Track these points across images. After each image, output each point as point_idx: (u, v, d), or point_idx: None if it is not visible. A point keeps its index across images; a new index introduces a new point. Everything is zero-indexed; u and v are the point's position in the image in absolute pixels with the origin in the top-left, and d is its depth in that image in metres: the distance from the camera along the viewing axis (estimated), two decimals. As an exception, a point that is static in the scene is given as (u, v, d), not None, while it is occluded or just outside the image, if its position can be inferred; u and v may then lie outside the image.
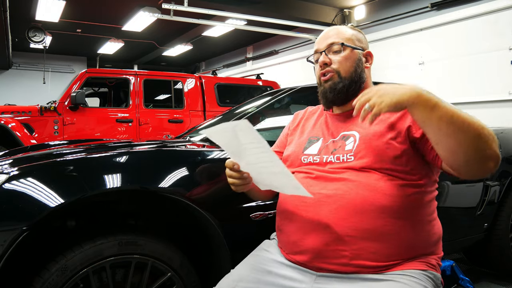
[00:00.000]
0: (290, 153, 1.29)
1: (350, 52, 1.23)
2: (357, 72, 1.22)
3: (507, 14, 5.20)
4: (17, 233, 1.15)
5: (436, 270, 1.11)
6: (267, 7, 6.93)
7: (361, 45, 1.26)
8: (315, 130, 1.30)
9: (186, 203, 1.39)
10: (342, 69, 1.21)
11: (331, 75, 1.22)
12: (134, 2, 7.21)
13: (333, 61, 1.23)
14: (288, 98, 2.50)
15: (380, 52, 6.76)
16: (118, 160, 1.44)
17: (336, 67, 1.22)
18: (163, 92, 6.49)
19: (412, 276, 1.03)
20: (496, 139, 0.98)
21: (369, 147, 1.10)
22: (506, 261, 2.46)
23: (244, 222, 1.46)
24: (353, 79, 1.21)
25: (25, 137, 4.88)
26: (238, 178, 1.14)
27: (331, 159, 1.16)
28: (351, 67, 1.22)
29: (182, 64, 13.50)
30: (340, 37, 1.24)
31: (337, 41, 1.23)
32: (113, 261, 1.32)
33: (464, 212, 2.21)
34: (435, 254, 1.15)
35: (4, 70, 11.50)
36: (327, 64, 1.23)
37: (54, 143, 2.33)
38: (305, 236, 1.10)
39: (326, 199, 1.09)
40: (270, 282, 1.11)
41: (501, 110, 5.22)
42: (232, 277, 1.16)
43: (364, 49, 1.27)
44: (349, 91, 1.21)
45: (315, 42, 1.30)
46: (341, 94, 1.21)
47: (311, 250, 1.08)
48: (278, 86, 6.61)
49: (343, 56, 1.22)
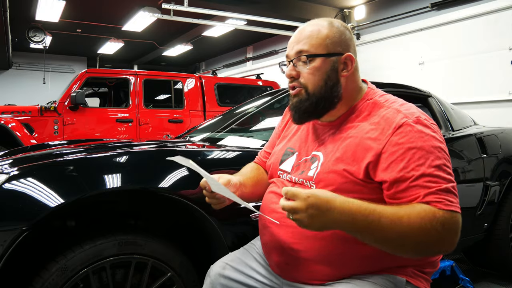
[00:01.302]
0: (270, 164, 1.29)
1: (321, 62, 1.09)
2: (327, 86, 1.09)
3: (507, 14, 5.20)
4: (17, 233, 1.15)
5: (404, 276, 1.04)
6: (267, 7, 6.93)
7: (338, 49, 1.10)
8: (293, 141, 1.26)
9: (186, 203, 1.39)
10: (310, 84, 1.10)
11: (298, 90, 1.12)
12: (134, 2, 7.21)
13: (301, 74, 1.10)
14: (288, 98, 2.50)
15: (380, 52, 6.76)
16: (118, 160, 1.44)
17: (304, 81, 1.10)
18: (163, 92, 6.49)
19: (364, 280, 1.02)
20: (457, 227, 0.92)
21: (328, 179, 1.05)
22: (506, 261, 2.47)
23: (243, 222, 1.46)
24: (322, 96, 1.09)
25: (25, 137, 4.88)
26: (211, 197, 1.16)
27: (298, 181, 1.14)
28: (321, 80, 1.09)
29: (182, 64, 13.49)
30: (312, 42, 1.09)
31: (305, 49, 1.09)
32: (113, 261, 1.32)
33: (464, 212, 2.19)
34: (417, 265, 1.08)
35: (4, 70, 11.49)
36: (294, 77, 1.12)
37: (54, 143, 2.34)
38: (270, 251, 1.17)
39: (286, 221, 1.05)
40: (253, 267, 1.20)
41: (501, 110, 5.22)
42: (225, 258, 1.25)
43: (343, 52, 1.10)
44: (318, 109, 1.11)
45: (288, 43, 1.17)
46: (307, 114, 1.12)
47: (275, 265, 1.16)
48: (278, 86, 6.61)
49: (312, 68, 1.09)
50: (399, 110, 1.04)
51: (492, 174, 2.35)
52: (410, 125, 0.99)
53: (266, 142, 1.45)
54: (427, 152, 0.96)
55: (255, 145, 1.96)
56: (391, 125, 1.00)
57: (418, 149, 0.96)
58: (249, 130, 2.35)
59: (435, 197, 0.92)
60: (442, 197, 0.92)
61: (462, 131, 2.49)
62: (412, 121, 1.00)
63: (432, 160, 0.95)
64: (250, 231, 1.44)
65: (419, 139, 0.97)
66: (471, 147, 2.33)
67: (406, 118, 1.01)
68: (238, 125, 2.29)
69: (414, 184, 0.94)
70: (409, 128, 0.99)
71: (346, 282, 1.03)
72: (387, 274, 1.04)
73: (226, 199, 1.17)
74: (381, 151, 0.99)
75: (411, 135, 0.98)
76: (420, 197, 0.93)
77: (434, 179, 0.94)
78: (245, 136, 2.23)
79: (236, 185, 1.21)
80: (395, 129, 0.99)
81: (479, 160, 2.31)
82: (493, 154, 2.42)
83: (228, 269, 1.21)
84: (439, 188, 0.93)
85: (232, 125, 2.27)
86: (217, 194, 1.14)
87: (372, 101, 1.11)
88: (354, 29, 7.31)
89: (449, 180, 0.95)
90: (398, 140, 0.98)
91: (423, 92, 2.57)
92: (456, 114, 2.68)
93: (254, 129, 2.39)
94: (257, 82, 6.62)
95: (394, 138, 0.99)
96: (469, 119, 2.90)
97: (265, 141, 1.91)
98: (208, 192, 1.14)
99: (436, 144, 0.98)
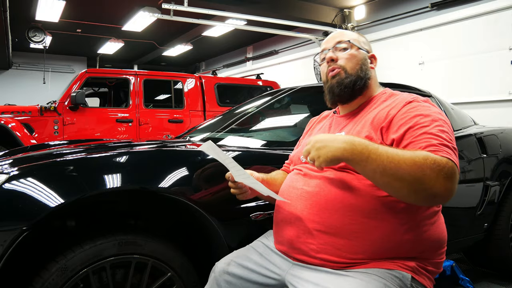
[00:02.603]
0: (294, 154, 1.42)
1: (356, 50, 1.29)
2: (362, 69, 1.28)
3: (507, 14, 5.20)
4: (17, 233, 1.15)
5: (410, 272, 1.07)
6: (267, 7, 6.93)
7: (366, 47, 1.33)
8: (314, 133, 1.40)
9: (186, 203, 1.39)
10: (348, 66, 1.27)
11: (337, 71, 1.28)
12: (134, 2, 7.21)
13: (339, 57, 1.28)
14: (288, 98, 2.50)
15: (380, 52, 6.71)
16: (118, 160, 1.44)
17: (343, 63, 1.28)
18: (163, 92, 6.49)
19: (372, 274, 1.03)
20: (451, 171, 0.97)
21: None
22: (506, 261, 2.46)
23: (244, 222, 1.46)
24: (359, 75, 1.27)
25: (25, 137, 4.88)
26: (235, 188, 1.29)
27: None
28: (357, 64, 1.28)
29: (182, 64, 13.50)
30: (350, 37, 1.31)
31: (344, 39, 1.30)
32: (113, 261, 1.32)
33: (464, 212, 2.21)
34: (427, 259, 1.12)
35: (4, 70, 11.49)
36: (333, 61, 1.28)
37: (54, 143, 2.33)
38: (284, 227, 1.21)
39: (306, 195, 1.17)
40: (258, 262, 1.23)
41: (501, 110, 5.22)
42: (231, 255, 1.29)
43: (369, 52, 1.33)
44: (355, 86, 1.26)
45: (322, 43, 1.37)
46: (348, 89, 1.26)
47: (286, 241, 1.19)
48: (278, 86, 6.60)
49: (349, 54, 1.28)
50: (411, 95, 1.22)
51: (492, 174, 2.35)
52: (419, 102, 1.16)
53: (266, 142, 1.46)
54: (432, 120, 1.08)
55: (255, 145, 1.96)
56: (403, 101, 1.17)
57: (424, 116, 1.09)
58: (249, 130, 2.35)
59: (435, 148, 1.01)
60: (442, 148, 1.01)
61: (462, 131, 2.49)
62: (421, 100, 1.17)
63: (436, 126, 1.07)
64: (250, 231, 1.44)
65: (426, 110, 1.12)
66: (471, 147, 2.33)
67: (416, 97, 1.19)
68: (238, 125, 2.29)
69: (418, 139, 1.04)
70: (418, 103, 1.15)
71: (352, 276, 1.04)
72: (393, 269, 1.06)
73: (248, 189, 1.29)
74: (392, 117, 1.14)
75: (420, 107, 1.13)
76: (422, 148, 1.02)
77: (435, 137, 1.03)
78: (245, 136, 2.23)
79: (258, 179, 1.29)
80: (407, 103, 1.16)
81: (479, 160, 2.31)
82: (493, 154, 2.42)
83: (232, 265, 1.23)
84: (440, 142, 1.02)
85: (232, 125, 2.27)
86: (239, 183, 1.22)
87: (389, 93, 1.29)
88: (354, 29, 7.31)
89: (450, 141, 1.04)
90: (408, 109, 1.13)
91: (423, 92, 2.57)
92: (456, 114, 2.68)
93: (254, 129, 2.39)
94: (257, 82, 6.61)
95: (404, 109, 1.14)
96: (469, 119, 2.90)
97: (265, 141, 1.93)
98: (232, 182, 1.26)
99: (442, 118, 1.11)
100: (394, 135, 1.10)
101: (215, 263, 1.27)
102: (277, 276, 1.18)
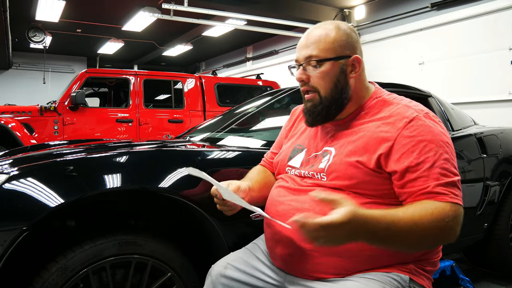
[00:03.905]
0: (278, 161, 1.31)
1: (330, 66, 1.13)
2: (337, 88, 1.14)
3: (507, 14, 5.20)
4: (17, 233, 1.15)
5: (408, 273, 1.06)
6: (267, 7, 6.93)
7: (346, 52, 1.14)
8: (301, 138, 1.29)
9: (186, 203, 1.39)
10: (322, 88, 1.14)
11: (312, 95, 1.16)
12: (134, 2, 7.21)
13: (311, 77, 1.15)
14: (288, 98, 2.50)
15: (380, 52, 6.76)
16: (118, 160, 1.44)
17: (316, 85, 1.15)
18: (163, 92, 6.49)
19: (370, 278, 1.03)
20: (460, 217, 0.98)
21: (339, 170, 1.08)
22: (506, 261, 2.46)
23: (243, 222, 1.45)
24: (334, 98, 1.14)
25: (25, 137, 4.88)
26: (222, 205, 1.19)
27: (308, 175, 1.16)
28: (331, 83, 1.13)
29: (182, 64, 13.49)
30: (321, 47, 1.13)
31: (314, 54, 1.13)
32: (113, 261, 1.32)
33: (464, 212, 2.21)
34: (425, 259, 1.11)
35: (4, 70, 11.49)
36: (304, 81, 1.16)
37: (54, 143, 2.33)
38: (275, 244, 1.17)
39: (294, 212, 1.08)
40: (256, 267, 1.20)
41: (501, 110, 5.22)
42: (227, 258, 1.25)
43: (350, 55, 1.14)
44: (330, 111, 1.15)
45: (297, 47, 1.20)
46: (320, 117, 1.16)
47: (279, 258, 1.16)
48: (278, 86, 6.60)
49: (321, 72, 1.13)
50: (408, 106, 1.10)
51: (492, 174, 2.35)
52: (420, 119, 1.05)
53: (266, 142, 1.45)
54: (436, 146, 1.02)
55: (255, 145, 1.96)
56: (402, 119, 1.06)
57: (428, 142, 1.02)
58: (249, 130, 2.35)
59: (443, 189, 0.97)
60: (449, 189, 0.98)
61: (462, 131, 2.49)
62: (422, 116, 1.06)
63: (441, 154, 1.01)
64: (250, 231, 1.44)
65: (429, 133, 1.03)
66: (471, 147, 2.33)
67: (417, 113, 1.07)
68: (238, 125, 2.29)
69: (424, 174, 0.99)
70: (420, 122, 1.05)
71: (351, 280, 1.04)
72: (391, 272, 1.05)
73: (237, 205, 1.19)
74: (393, 143, 1.04)
75: (422, 129, 1.04)
76: (430, 187, 0.98)
77: (443, 172, 0.99)
78: (245, 136, 2.23)
79: (246, 191, 1.23)
80: (407, 123, 1.05)
81: (479, 160, 2.31)
82: (493, 154, 2.42)
83: (229, 268, 1.21)
84: (447, 181, 0.98)
85: (232, 125, 2.27)
86: (228, 201, 1.17)
87: (380, 99, 1.16)
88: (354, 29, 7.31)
89: (455, 174, 1.01)
90: (409, 133, 1.04)
91: (423, 92, 2.57)
92: (456, 114, 2.68)
93: (254, 129, 2.38)
94: (257, 82, 6.61)
95: (405, 132, 1.04)
96: (469, 119, 2.90)
97: (265, 141, 1.92)
98: (220, 199, 1.17)
99: (445, 140, 1.04)
100: (396, 166, 1.02)
101: (211, 265, 1.25)
102: (276, 282, 1.17)
